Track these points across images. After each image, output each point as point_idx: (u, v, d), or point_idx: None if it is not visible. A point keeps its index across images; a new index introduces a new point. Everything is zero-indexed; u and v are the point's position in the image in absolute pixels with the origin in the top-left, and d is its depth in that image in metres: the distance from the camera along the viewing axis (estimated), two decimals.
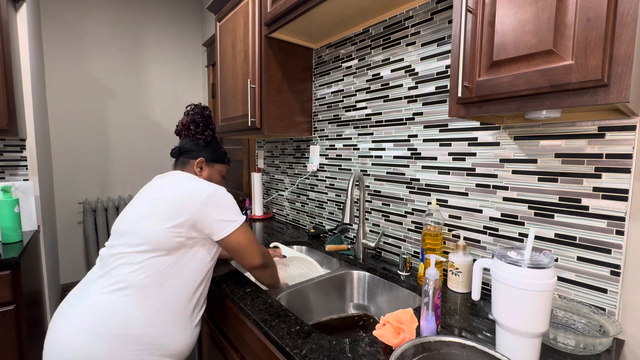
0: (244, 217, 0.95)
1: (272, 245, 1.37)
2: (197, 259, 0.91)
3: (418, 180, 1.15)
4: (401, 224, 1.21)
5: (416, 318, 0.72)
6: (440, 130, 1.07)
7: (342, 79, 1.44)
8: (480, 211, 0.97)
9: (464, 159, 1.01)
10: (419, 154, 1.14)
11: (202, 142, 1.06)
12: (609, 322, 0.70)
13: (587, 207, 0.77)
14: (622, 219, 0.72)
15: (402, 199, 1.20)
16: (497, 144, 0.93)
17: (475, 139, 0.98)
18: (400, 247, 1.23)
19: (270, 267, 1.01)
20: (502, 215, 0.92)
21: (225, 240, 0.91)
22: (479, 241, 0.98)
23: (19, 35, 1.76)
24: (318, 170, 1.63)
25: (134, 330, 0.80)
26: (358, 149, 1.39)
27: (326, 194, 1.59)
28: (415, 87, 1.13)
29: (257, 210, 1.98)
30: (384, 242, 1.29)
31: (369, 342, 0.72)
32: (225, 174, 1.14)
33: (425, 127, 1.11)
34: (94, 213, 2.64)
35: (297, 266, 1.21)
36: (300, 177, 1.77)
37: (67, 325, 0.80)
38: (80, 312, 0.80)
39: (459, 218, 1.03)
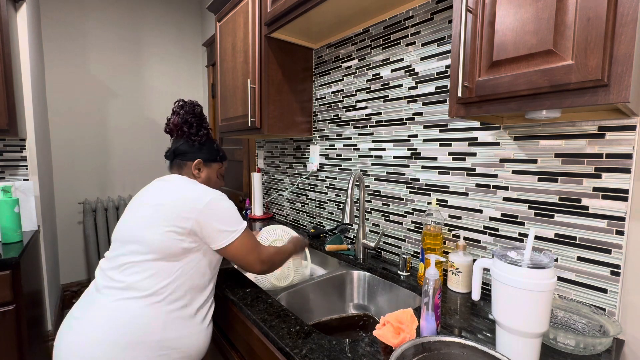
0: (245, 224, 0.93)
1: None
2: (205, 260, 0.90)
3: (418, 180, 1.15)
4: (401, 224, 1.21)
5: (416, 318, 0.72)
6: (440, 130, 1.07)
7: (342, 79, 1.44)
8: (480, 211, 0.97)
9: (464, 159, 1.01)
10: (419, 154, 1.14)
11: (197, 143, 1.02)
12: (609, 322, 0.70)
13: (587, 207, 0.77)
14: (622, 219, 0.72)
15: (402, 199, 1.20)
16: (497, 144, 0.93)
17: (475, 139, 0.98)
18: (400, 247, 1.23)
19: (272, 268, 0.99)
20: (502, 215, 0.92)
21: (223, 250, 0.89)
22: (479, 241, 0.98)
23: (19, 35, 1.76)
24: (318, 170, 1.63)
25: (154, 336, 0.78)
26: (358, 149, 1.39)
27: (326, 194, 1.59)
28: (415, 87, 1.13)
29: (257, 210, 1.98)
30: (384, 242, 1.29)
31: (369, 342, 0.72)
32: (223, 172, 1.11)
33: (425, 127, 1.11)
34: (94, 213, 2.64)
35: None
36: (300, 177, 1.77)
37: (77, 338, 0.77)
38: (90, 323, 0.78)
39: (459, 218, 1.03)
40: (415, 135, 1.15)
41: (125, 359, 0.75)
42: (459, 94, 0.68)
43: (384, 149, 1.27)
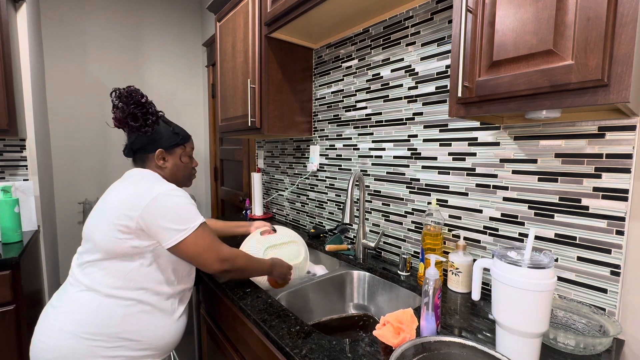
0: (199, 220, 0.87)
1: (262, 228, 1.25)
2: (163, 258, 0.88)
3: (418, 180, 1.15)
4: (401, 224, 1.21)
5: (416, 318, 0.72)
6: (440, 130, 1.07)
7: (342, 79, 1.44)
8: (480, 211, 0.97)
9: (464, 159, 1.01)
10: (419, 154, 1.14)
11: (150, 132, 0.94)
12: (609, 322, 0.70)
13: (587, 207, 0.77)
14: (622, 219, 0.72)
15: (402, 199, 1.20)
16: (497, 144, 0.93)
17: (475, 139, 0.98)
18: (400, 247, 1.23)
19: (236, 271, 0.93)
20: (502, 215, 0.92)
21: (174, 249, 0.85)
22: (479, 241, 0.98)
23: (19, 35, 1.76)
24: (318, 170, 1.63)
25: (110, 329, 0.82)
26: (358, 149, 1.39)
27: (326, 194, 1.59)
28: (415, 87, 1.13)
29: (257, 210, 1.98)
30: (384, 242, 1.29)
31: (369, 342, 0.72)
32: (191, 152, 1.03)
33: (425, 127, 1.11)
34: None
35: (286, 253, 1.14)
36: (300, 177, 1.77)
37: (48, 326, 0.83)
38: (60, 313, 0.83)
39: (459, 218, 1.03)
40: (415, 135, 1.15)
41: (88, 348, 0.80)
42: (459, 94, 0.68)
43: (384, 149, 1.27)
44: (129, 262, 0.84)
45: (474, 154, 0.98)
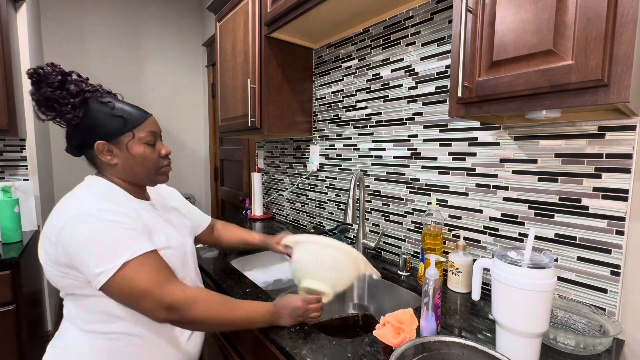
0: (129, 252, 0.62)
1: (280, 235, 1.07)
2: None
3: (418, 180, 1.15)
4: (401, 224, 1.21)
5: (416, 318, 0.72)
6: (440, 130, 1.07)
7: (342, 79, 1.44)
8: (480, 211, 0.97)
9: (464, 159, 1.01)
10: (419, 154, 1.14)
11: (77, 120, 0.69)
12: (609, 322, 0.70)
13: (587, 207, 0.77)
14: (622, 219, 0.72)
15: (402, 199, 1.20)
16: (497, 144, 0.93)
17: (475, 139, 0.98)
18: (400, 247, 1.23)
19: (192, 324, 0.68)
20: (502, 215, 0.92)
21: (104, 292, 0.63)
22: (479, 241, 0.98)
23: (19, 35, 1.76)
24: (318, 170, 1.63)
25: None
26: (358, 149, 1.39)
27: (326, 194, 1.59)
28: (415, 87, 1.13)
29: (257, 210, 1.98)
30: (384, 242, 1.29)
31: (369, 342, 0.72)
32: (151, 138, 0.76)
33: (425, 127, 1.11)
34: None
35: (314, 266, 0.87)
36: (300, 177, 1.77)
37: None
38: (53, 350, 0.71)
39: (459, 218, 1.03)
40: (415, 135, 1.15)
41: None
42: (459, 94, 0.68)
43: (384, 149, 1.27)
44: (89, 297, 0.65)
45: (474, 154, 0.98)
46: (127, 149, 0.73)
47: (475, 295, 0.71)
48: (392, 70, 1.21)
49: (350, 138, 1.42)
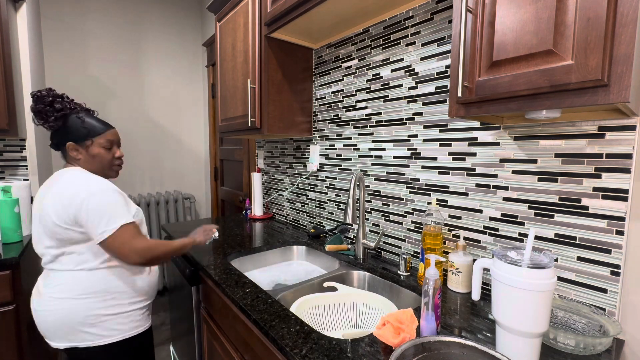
0: (124, 219, 0.96)
1: (325, 285, 1.08)
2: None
3: (418, 180, 1.15)
4: (401, 224, 1.21)
5: (416, 318, 0.72)
6: (440, 130, 1.07)
7: (342, 79, 1.45)
8: (480, 211, 0.97)
9: (464, 159, 1.01)
10: (419, 154, 1.14)
11: (54, 128, 1.02)
12: (609, 322, 0.70)
13: (587, 207, 0.77)
14: (622, 219, 0.72)
15: (402, 199, 1.20)
16: (497, 144, 0.93)
17: (475, 139, 0.98)
18: (400, 247, 1.23)
19: (152, 261, 1.01)
20: (502, 215, 0.92)
21: (101, 245, 0.95)
22: (479, 241, 0.98)
23: (19, 35, 1.75)
24: (318, 170, 1.63)
25: (98, 287, 0.97)
26: (358, 149, 1.39)
27: (326, 194, 1.59)
28: (415, 87, 1.13)
29: (257, 210, 1.98)
30: (384, 242, 1.29)
31: (369, 342, 0.72)
32: (108, 144, 1.07)
33: (425, 127, 1.11)
34: None
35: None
36: (300, 177, 1.77)
37: (44, 301, 0.96)
38: (50, 288, 0.97)
39: (459, 218, 1.03)
40: (415, 135, 1.15)
41: (82, 305, 0.95)
42: (459, 94, 0.68)
43: (384, 149, 1.27)
44: (81, 245, 0.96)
45: (474, 154, 0.98)
46: (87, 150, 1.04)
47: (475, 295, 0.71)
48: (392, 70, 1.21)
49: (350, 138, 1.42)
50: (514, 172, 0.89)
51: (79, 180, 0.96)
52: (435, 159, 1.09)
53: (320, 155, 1.61)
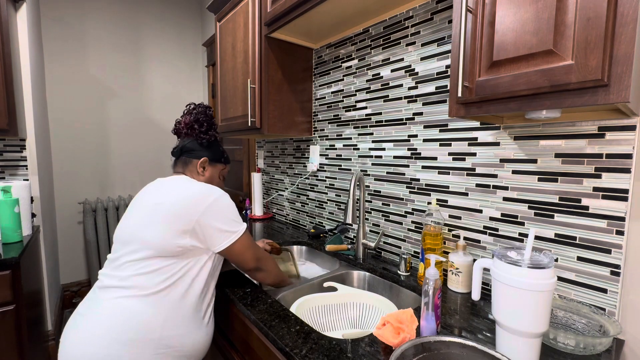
0: (245, 224, 0.94)
1: (325, 285, 1.09)
2: (205, 261, 0.89)
3: (418, 180, 1.15)
4: (401, 224, 1.21)
5: (416, 318, 0.72)
6: (440, 130, 1.07)
7: (342, 79, 1.44)
8: (480, 211, 0.97)
9: (464, 159, 1.01)
10: (419, 154, 1.14)
11: (205, 142, 1.05)
12: (609, 322, 0.70)
13: (587, 207, 0.77)
14: (622, 219, 0.72)
15: (402, 199, 1.20)
16: (497, 144, 0.93)
17: (475, 139, 0.98)
18: (400, 247, 1.23)
19: (265, 271, 0.99)
20: (502, 215, 0.92)
21: (225, 251, 0.90)
22: (479, 241, 0.98)
23: (19, 35, 1.75)
24: (318, 170, 1.63)
25: (153, 334, 0.79)
26: (358, 149, 1.39)
27: (326, 194, 1.59)
28: (415, 87, 1.13)
29: (257, 210, 1.98)
30: (384, 242, 1.29)
31: (369, 342, 0.72)
32: (225, 174, 1.14)
33: (425, 127, 1.11)
34: (94, 213, 2.63)
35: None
36: (300, 177, 1.77)
37: (80, 334, 0.78)
38: (93, 320, 0.79)
39: (459, 218, 1.03)
40: (415, 135, 1.15)
41: (124, 356, 0.76)
42: (459, 94, 0.68)
43: (384, 149, 1.27)
44: (175, 261, 0.84)
45: (474, 154, 0.98)
46: (217, 172, 1.09)
47: (475, 295, 0.71)
48: (392, 70, 1.21)
49: (350, 138, 1.42)
50: (514, 172, 0.89)
51: (200, 184, 0.93)
52: (435, 159, 1.09)
53: (320, 155, 1.61)
